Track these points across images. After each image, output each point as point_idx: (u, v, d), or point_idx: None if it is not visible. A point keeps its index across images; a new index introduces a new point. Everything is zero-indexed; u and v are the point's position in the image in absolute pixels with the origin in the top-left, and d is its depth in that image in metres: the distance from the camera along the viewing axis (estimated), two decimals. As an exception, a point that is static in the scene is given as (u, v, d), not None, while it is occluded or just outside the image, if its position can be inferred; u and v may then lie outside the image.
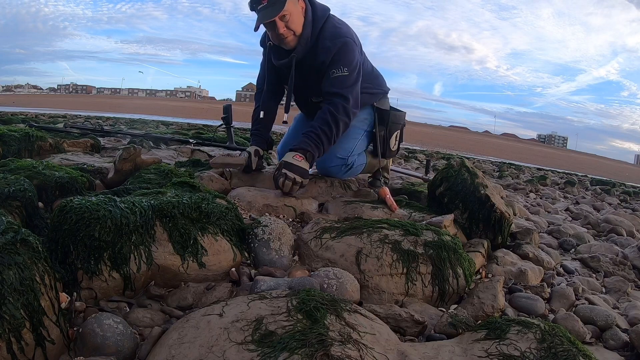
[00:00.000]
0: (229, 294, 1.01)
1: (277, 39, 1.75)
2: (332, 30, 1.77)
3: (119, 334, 0.77)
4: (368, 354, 0.73)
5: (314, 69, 1.79)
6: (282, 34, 1.70)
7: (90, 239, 0.92)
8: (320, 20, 1.77)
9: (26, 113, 7.96)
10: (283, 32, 1.70)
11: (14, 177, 1.22)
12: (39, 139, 2.12)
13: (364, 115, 1.98)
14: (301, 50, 1.76)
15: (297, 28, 1.72)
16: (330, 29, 1.77)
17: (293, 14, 1.69)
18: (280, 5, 1.64)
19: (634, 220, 2.92)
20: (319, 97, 1.87)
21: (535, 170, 9.05)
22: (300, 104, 2.07)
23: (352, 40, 1.78)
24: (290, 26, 1.70)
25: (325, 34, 1.76)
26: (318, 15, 1.77)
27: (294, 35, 1.73)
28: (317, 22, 1.76)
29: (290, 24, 1.69)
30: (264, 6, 1.65)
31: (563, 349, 0.80)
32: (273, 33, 1.74)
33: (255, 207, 1.59)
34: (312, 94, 1.90)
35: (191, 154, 2.86)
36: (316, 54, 1.76)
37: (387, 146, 2.06)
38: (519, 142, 63.39)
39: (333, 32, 1.76)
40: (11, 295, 0.68)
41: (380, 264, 1.17)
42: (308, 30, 1.74)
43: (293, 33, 1.72)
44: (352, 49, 1.77)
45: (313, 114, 2.01)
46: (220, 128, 2.85)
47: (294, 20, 1.70)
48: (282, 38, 1.72)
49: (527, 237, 1.76)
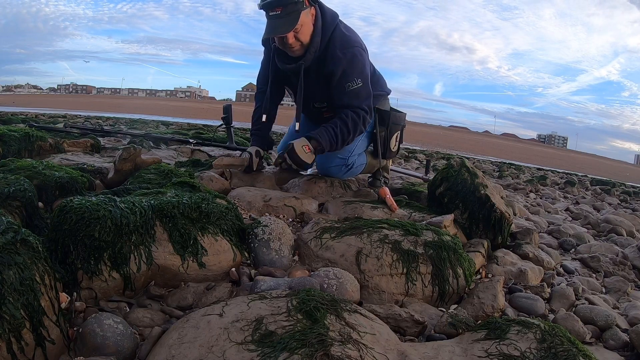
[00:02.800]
0: (229, 294, 1.01)
1: (283, 46, 1.73)
2: (342, 39, 1.76)
3: (119, 334, 0.77)
4: (368, 354, 0.73)
5: (322, 77, 1.78)
6: (290, 45, 1.69)
7: (90, 239, 0.92)
8: (330, 27, 1.75)
9: (26, 113, 7.96)
10: (292, 42, 1.68)
11: (14, 177, 1.22)
12: (39, 139, 2.12)
13: None
14: (310, 58, 1.75)
15: (306, 38, 1.70)
16: (339, 38, 1.76)
17: (304, 25, 1.67)
18: (294, 18, 1.61)
19: (634, 220, 2.92)
20: (322, 103, 1.88)
21: (535, 170, 9.05)
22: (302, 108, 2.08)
23: (361, 48, 1.79)
24: (300, 37, 1.68)
25: (335, 42, 1.74)
26: (328, 23, 1.75)
27: (301, 46, 1.72)
28: (327, 30, 1.74)
29: (299, 35, 1.68)
30: (277, 15, 1.61)
31: (563, 349, 0.81)
32: (280, 42, 1.72)
33: (255, 207, 1.59)
34: (316, 100, 1.90)
35: (191, 154, 2.86)
36: (325, 62, 1.75)
37: (388, 147, 2.06)
38: (519, 142, 63.39)
39: (342, 41, 1.75)
40: (11, 295, 0.68)
41: (380, 264, 1.17)
42: (317, 39, 1.72)
43: (301, 43, 1.71)
44: (362, 58, 1.78)
45: (314, 118, 2.01)
46: (220, 128, 2.85)
47: (304, 32, 1.68)
48: (289, 47, 1.71)
49: (527, 237, 1.76)
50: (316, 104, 1.92)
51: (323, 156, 1.96)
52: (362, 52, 1.79)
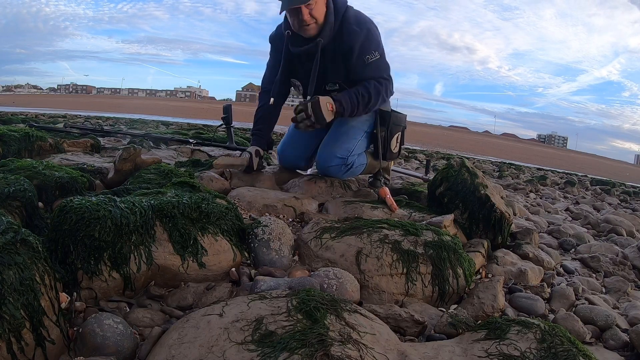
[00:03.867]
0: (229, 294, 1.01)
1: (299, 25, 1.77)
2: (356, 17, 1.83)
3: (119, 334, 0.77)
4: (368, 354, 0.73)
5: (339, 54, 1.82)
6: (305, 21, 1.72)
7: (90, 239, 0.92)
8: (341, 9, 1.82)
9: (26, 113, 7.96)
10: (307, 18, 1.72)
11: (14, 177, 1.22)
12: (39, 139, 2.12)
13: (365, 116, 1.99)
14: (326, 36, 1.79)
15: (320, 17, 1.75)
16: (353, 16, 1.83)
17: (318, 2, 1.73)
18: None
19: (634, 220, 2.92)
20: (335, 85, 1.89)
21: (535, 170, 9.05)
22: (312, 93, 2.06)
23: (374, 25, 1.86)
24: (314, 14, 1.73)
25: (350, 20, 1.81)
26: (339, 5, 1.82)
27: (315, 24, 1.76)
28: (339, 10, 1.82)
29: (314, 12, 1.72)
30: None
31: (563, 349, 0.81)
32: (295, 19, 1.76)
33: (255, 207, 1.59)
34: (328, 81, 1.91)
35: (191, 154, 2.86)
36: (342, 38, 1.80)
37: (388, 148, 2.06)
38: (519, 142, 63.38)
39: (356, 18, 1.82)
40: (11, 295, 0.68)
41: (380, 264, 1.17)
42: (331, 18, 1.79)
43: (315, 21, 1.75)
44: (377, 33, 1.85)
45: None
46: (220, 128, 2.85)
47: (317, 9, 1.73)
48: (304, 25, 1.75)
49: (527, 237, 1.76)
50: (328, 87, 1.92)
51: (323, 155, 1.96)
52: (376, 28, 1.86)
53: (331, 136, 2.00)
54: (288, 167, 2.17)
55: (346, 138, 1.94)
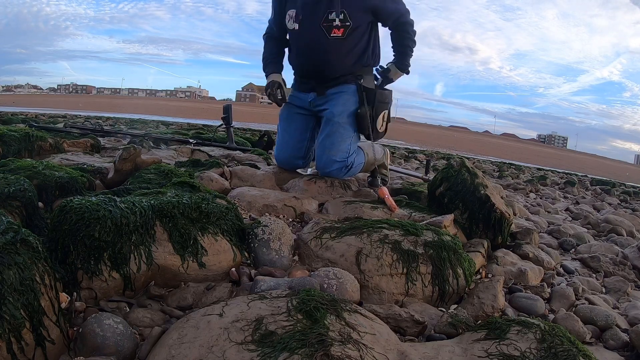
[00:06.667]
0: (229, 294, 1.01)
1: None
2: None
3: (119, 334, 0.77)
4: (368, 354, 0.73)
5: None
6: None
7: (90, 239, 0.92)
8: None
9: (26, 113, 7.96)
10: None
11: (14, 177, 1.22)
12: (39, 139, 2.12)
13: (348, 95, 1.95)
14: None
15: None
16: None
17: None
18: None
19: (634, 220, 2.92)
20: (340, 15, 1.85)
21: (535, 170, 9.05)
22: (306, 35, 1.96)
23: None
24: None
25: None
26: None
27: None
28: None
29: None
30: None
31: (563, 349, 0.80)
32: None
33: (255, 207, 1.59)
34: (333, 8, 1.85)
35: (191, 154, 2.86)
36: None
37: (374, 127, 1.97)
38: (519, 142, 63.35)
39: None
40: (11, 295, 0.68)
41: (380, 264, 1.17)
42: None
43: None
44: None
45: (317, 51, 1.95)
46: (220, 128, 2.86)
47: None
48: None
49: (527, 237, 1.76)
50: (331, 15, 1.86)
51: (322, 162, 1.94)
52: None
53: (324, 137, 1.96)
54: (287, 169, 2.17)
55: (339, 140, 1.91)
